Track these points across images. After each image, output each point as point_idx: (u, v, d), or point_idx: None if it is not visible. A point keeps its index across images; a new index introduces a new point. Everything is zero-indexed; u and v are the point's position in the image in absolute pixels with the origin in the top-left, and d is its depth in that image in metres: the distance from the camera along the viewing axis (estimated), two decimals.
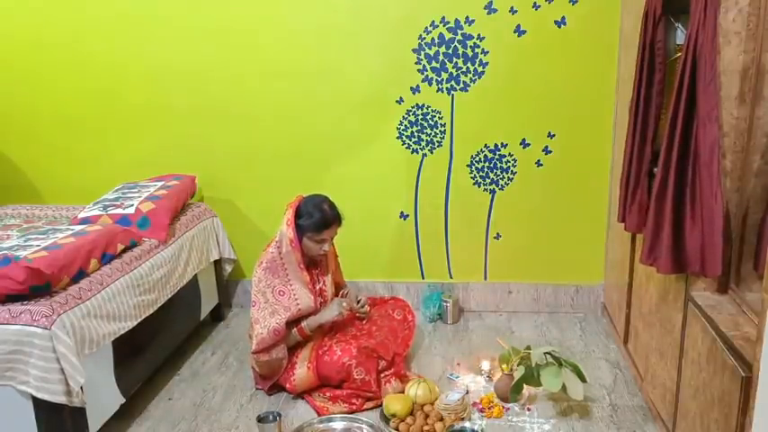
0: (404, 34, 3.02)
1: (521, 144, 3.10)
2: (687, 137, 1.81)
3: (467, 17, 2.97)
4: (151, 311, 2.43)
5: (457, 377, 2.66)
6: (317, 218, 2.48)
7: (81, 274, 2.17)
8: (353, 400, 2.42)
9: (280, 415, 2.26)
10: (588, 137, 3.06)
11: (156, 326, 2.52)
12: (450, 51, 3.02)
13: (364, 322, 2.69)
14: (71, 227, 2.48)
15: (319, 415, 2.37)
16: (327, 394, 2.46)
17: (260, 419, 2.25)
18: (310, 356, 2.50)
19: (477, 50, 3.01)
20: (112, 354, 2.24)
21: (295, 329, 2.49)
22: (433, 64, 3.04)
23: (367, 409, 2.42)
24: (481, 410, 2.41)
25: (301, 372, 2.47)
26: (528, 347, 2.49)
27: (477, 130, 3.11)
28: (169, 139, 3.26)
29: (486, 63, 3.02)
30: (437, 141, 3.14)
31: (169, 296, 2.58)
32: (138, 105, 3.23)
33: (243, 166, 3.25)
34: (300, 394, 2.52)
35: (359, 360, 2.42)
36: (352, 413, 2.38)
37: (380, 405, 2.40)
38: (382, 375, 2.49)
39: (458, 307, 3.23)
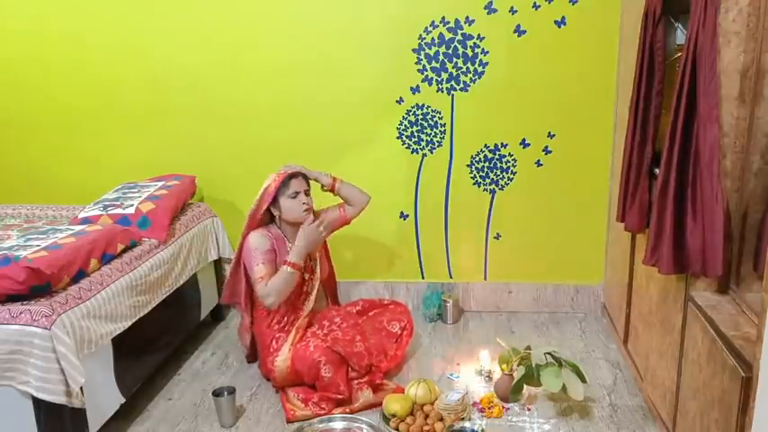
0: (404, 34, 3.02)
1: (521, 144, 3.10)
2: (688, 137, 1.82)
3: (467, 17, 2.97)
4: (146, 311, 2.42)
5: (457, 377, 2.66)
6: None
7: (81, 274, 2.17)
8: (323, 405, 2.42)
9: (234, 389, 2.36)
10: (588, 137, 3.06)
11: (156, 326, 2.52)
12: (450, 51, 3.02)
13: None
14: (71, 227, 2.48)
15: (287, 416, 2.39)
16: (301, 395, 2.47)
17: (215, 394, 2.35)
18: (294, 339, 2.55)
19: (477, 50, 3.01)
20: (112, 354, 2.24)
21: (286, 266, 2.48)
22: (433, 64, 3.04)
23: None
24: (481, 410, 2.41)
25: (283, 355, 2.50)
26: (528, 347, 2.49)
27: (477, 130, 3.11)
28: (169, 139, 3.26)
29: (486, 63, 3.02)
30: (437, 141, 3.14)
31: (165, 296, 2.57)
32: (138, 105, 3.24)
33: (243, 167, 3.25)
34: (280, 387, 2.54)
35: (328, 359, 2.43)
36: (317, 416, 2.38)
37: (350, 412, 2.39)
38: (355, 382, 2.48)
39: (458, 307, 3.23)
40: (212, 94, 3.18)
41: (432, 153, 3.16)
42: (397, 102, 3.10)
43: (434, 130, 3.12)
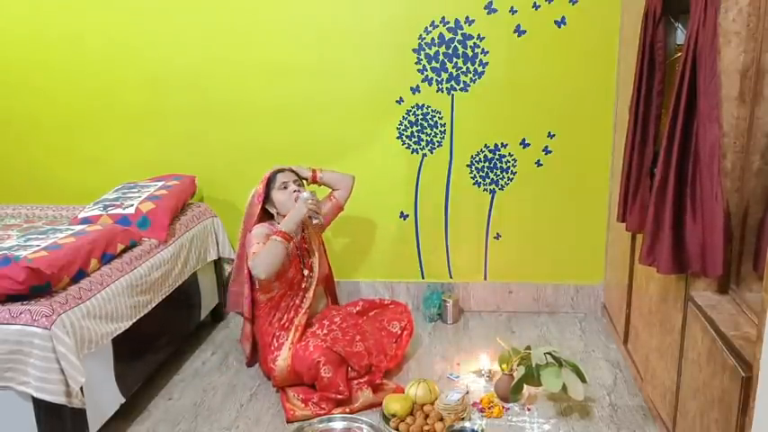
0: (404, 34, 3.02)
1: (521, 144, 3.10)
2: (687, 137, 1.81)
3: (467, 17, 2.97)
4: (146, 311, 2.42)
5: (457, 377, 2.66)
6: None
7: (81, 274, 2.17)
8: (323, 405, 2.42)
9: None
10: (588, 137, 3.06)
11: (156, 326, 2.52)
12: (450, 51, 3.02)
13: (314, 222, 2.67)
14: (71, 227, 2.48)
15: (287, 416, 2.39)
16: (301, 395, 2.47)
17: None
18: (294, 338, 2.55)
19: (477, 50, 3.01)
20: (112, 353, 2.24)
21: (276, 236, 2.47)
22: (433, 64, 3.04)
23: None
24: (481, 410, 2.41)
25: (284, 354, 2.51)
26: (528, 347, 2.49)
27: (477, 130, 3.11)
28: (169, 139, 3.26)
29: (486, 63, 3.02)
30: (437, 141, 3.14)
31: (165, 296, 2.57)
32: (138, 105, 3.24)
33: (243, 167, 3.25)
34: (280, 387, 2.54)
35: (328, 359, 2.43)
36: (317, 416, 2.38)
37: (350, 412, 2.39)
38: (356, 382, 2.48)
39: (458, 307, 3.23)
40: (212, 94, 3.18)
41: (432, 153, 3.16)
42: (397, 102, 3.10)
43: (434, 130, 3.12)
